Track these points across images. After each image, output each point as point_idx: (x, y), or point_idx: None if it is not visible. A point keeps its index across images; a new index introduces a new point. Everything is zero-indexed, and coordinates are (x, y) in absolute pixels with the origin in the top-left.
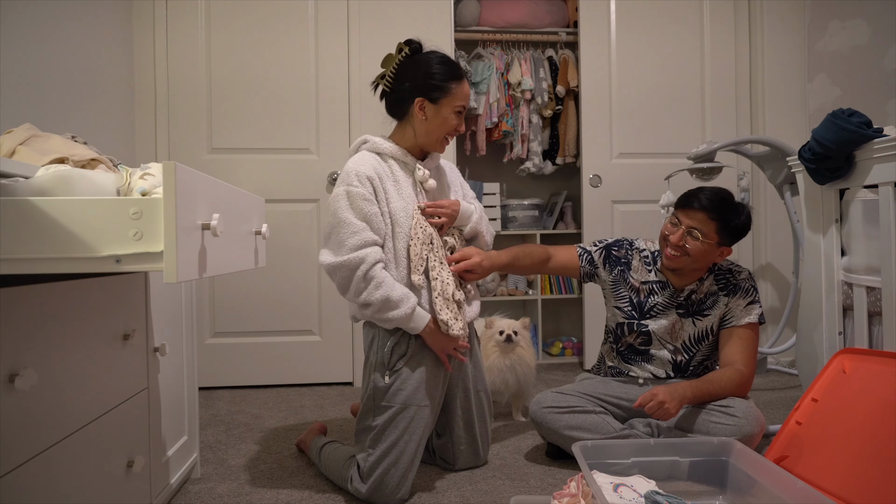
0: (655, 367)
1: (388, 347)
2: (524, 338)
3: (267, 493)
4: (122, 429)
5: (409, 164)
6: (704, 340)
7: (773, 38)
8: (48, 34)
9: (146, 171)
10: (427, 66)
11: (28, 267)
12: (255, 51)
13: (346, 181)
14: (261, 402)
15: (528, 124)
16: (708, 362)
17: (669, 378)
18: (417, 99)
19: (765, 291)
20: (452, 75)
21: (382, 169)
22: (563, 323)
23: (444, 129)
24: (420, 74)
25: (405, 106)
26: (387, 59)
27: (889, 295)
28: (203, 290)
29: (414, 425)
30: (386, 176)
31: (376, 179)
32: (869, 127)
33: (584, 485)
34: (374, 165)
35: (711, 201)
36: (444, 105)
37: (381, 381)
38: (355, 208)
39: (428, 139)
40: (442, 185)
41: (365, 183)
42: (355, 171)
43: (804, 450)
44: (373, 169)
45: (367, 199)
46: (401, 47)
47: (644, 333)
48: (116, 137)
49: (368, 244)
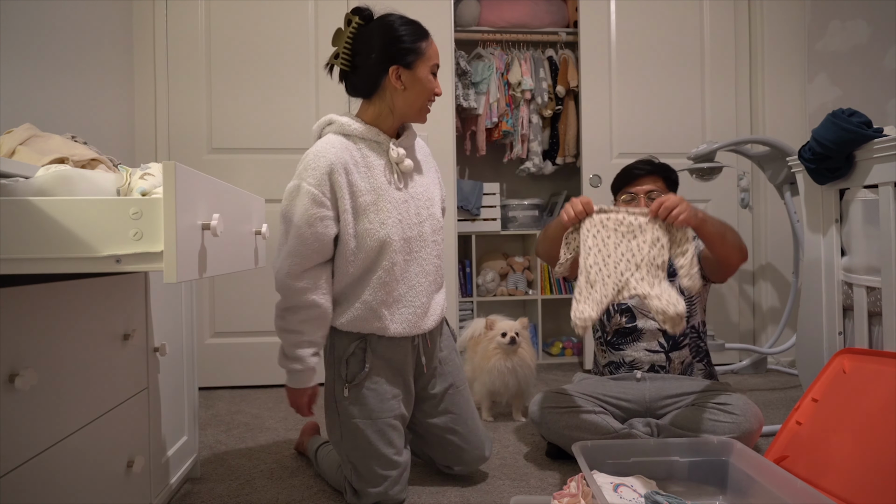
0: (647, 341)
1: (345, 359)
2: (524, 338)
3: (267, 493)
4: (122, 429)
5: (383, 144)
6: (682, 296)
7: (773, 38)
8: (48, 34)
9: (146, 171)
10: (391, 31)
11: (28, 267)
12: (255, 51)
13: (302, 175)
14: (261, 402)
15: (528, 124)
16: (694, 321)
17: (664, 351)
18: (392, 68)
19: (765, 291)
20: (420, 34)
21: (350, 156)
22: (563, 323)
23: (426, 94)
24: (386, 41)
25: (375, 80)
26: (337, 36)
27: (889, 295)
28: (203, 290)
29: (388, 435)
30: (354, 165)
31: (340, 173)
32: (869, 127)
33: (584, 485)
34: (341, 154)
35: (650, 164)
36: (419, 68)
37: (342, 393)
38: (305, 215)
39: (410, 109)
40: (417, 165)
41: (323, 181)
42: (314, 165)
43: (804, 450)
44: (338, 159)
45: (318, 201)
46: (349, 18)
47: (626, 310)
48: (116, 137)
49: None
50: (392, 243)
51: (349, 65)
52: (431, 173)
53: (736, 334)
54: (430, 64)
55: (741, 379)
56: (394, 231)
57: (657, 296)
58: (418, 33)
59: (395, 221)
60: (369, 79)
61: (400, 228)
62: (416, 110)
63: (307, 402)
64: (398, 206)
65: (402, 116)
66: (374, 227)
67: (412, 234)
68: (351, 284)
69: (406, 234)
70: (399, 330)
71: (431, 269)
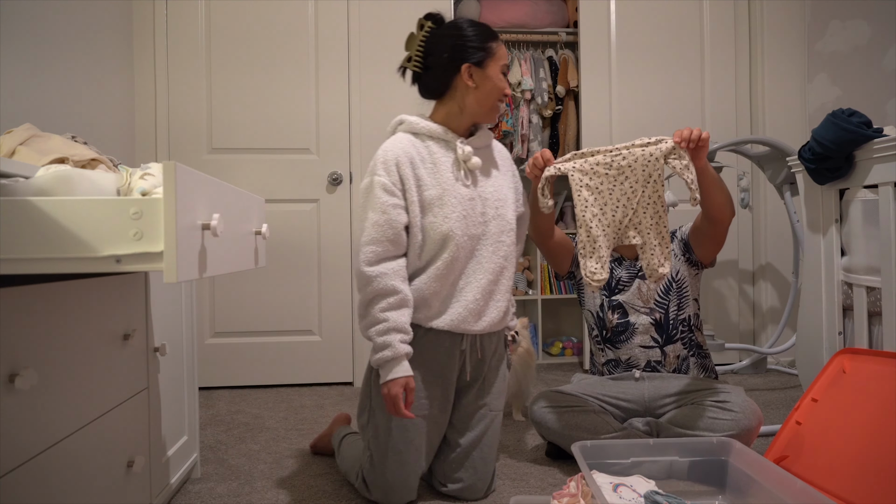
0: (641, 337)
1: None
2: (524, 338)
3: (267, 493)
4: (122, 429)
5: (451, 143)
6: (670, 289)
7: (773, 37)
8: (48, 34)
9: (146, 171)
10: (461, 31)
11: (28, 267)
12: (255, 51)
13: (373, 170)
14: (261, 402)
15: (528, 124)
16: (683, 315)
17: (658, 345)
18: (464, 66)
19: (765, 291)
20: (489, 35)
21: (417, 152)
22: (563, 323)
23: (496, 92)
24: (457, 41)
25: (447, 79)
26: (410, 40)
27: (889, 295)
28: (203, 290)
29: (408, 433)
30: (421, 160)
31: (406, 166)
32: (869, 127)
33: (584, 485)
34: (407, 149)
35: None
36: (490, 66)
37: (377, 376)
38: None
39: (481, 108)
40: (490, 166)
41: (392, 171)
42: (383, 159)
43: (804, 450)
44: (404, 153)
45: (389, 190)
46: (422, 23)
47: (617, 306)
48: (116, 137)
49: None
50: (454, 237)
51: (422, 66)
52: (507, 177)
53: (736, 334)
54: (500, 64)
55: (741, 379)
56: (457, 226)
57: (651, 248)
58: (488, 34)
59: (458, 216)
60: (442, 78)
61: (464, 224)
62: (486, 109)
63: (400, 392)
64: (463, 202)
65: (473, 115)
66: (437, 220)
67: (476, 232)
68: (414, 275)
69: (470, 232)
70: (445, 324)
71: (493, 268)
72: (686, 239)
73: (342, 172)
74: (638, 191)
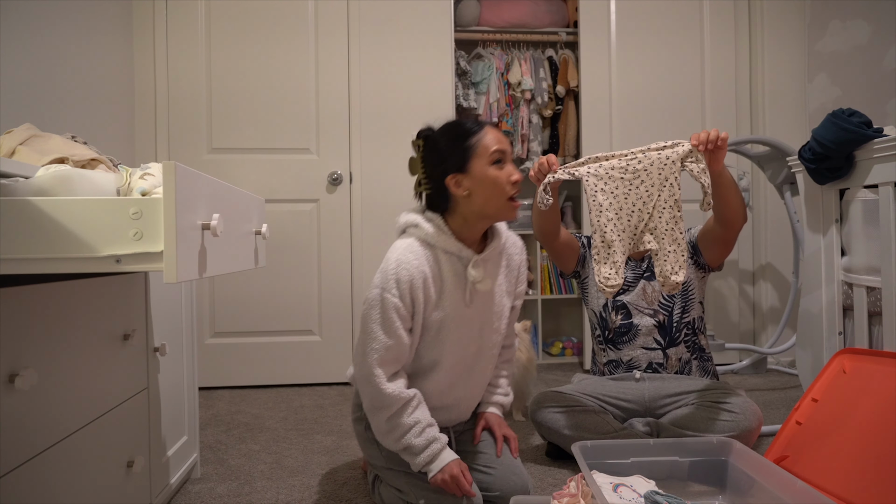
0: (644, 338)
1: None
2: (524, 341)
3: (267, 493)
4: (122, 429)
5: (464, 260)
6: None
7: (773, 38)
8: (48, 34)
9: (146, 171)
10: (442, 140)
11: (28, 267)
12: (255, 51)
13: (384, 284)
14: (261, 402)
15: (528, 124)
16: (688, 318)
17: (661, 347)
18: (447, 179)
19: (765, 291)
20: (467, 131)
21: (430, 268)
22: (563, 323)
23: (495, 188)
24: (439, 153)
25: (444, 195)
26: (412, 164)
27: (889, 295)
28: (203, 290)
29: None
30: (433, 279)
31: (419, 289)
32: (869, 127)
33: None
34: (423, 268)
35: None
36: (475, 165)
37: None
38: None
39: (488, 209)
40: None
41: (405, 294)
42: (396, 277)
43: (804, 450)
44: (419, 273)
45: (402, 315)
46: (416, 144)
47: (621, 307)
48: (116, 137)
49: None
50: (443, 365)
51: (429, 187)
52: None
53: (736, 334)
54: (488, 155)
55: (741, 379)
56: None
57: (665, 255)
58: (465, 131)
59: (454, 341)
60: (439, 195)
61: (457, 348)
62: (496, 208)
63: (459, 472)
64: (461, 327)
65: (483, 218)
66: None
67: (466, 353)
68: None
69: (459, 355)
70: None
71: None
72: (695, 241)
73: (342, 172)
74: (654, 195)
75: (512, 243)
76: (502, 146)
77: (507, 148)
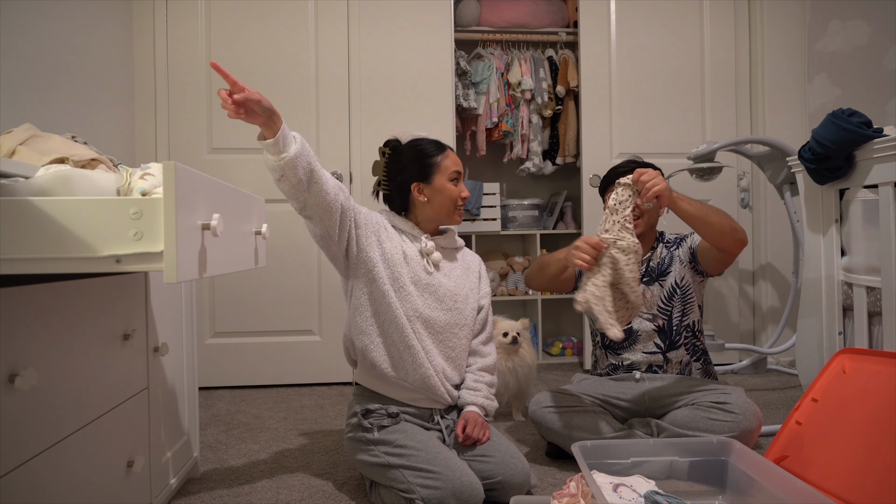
0: (644, 343)
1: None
2: (525, 339)
3: (267, 493)
4: (122, 429)
5: (418, 238)
6: (674, 295)
7: (773, 38)
8: (48, 34)
9: (146, 171)
10: (410, 153)
11: (28, 267)
12: (255, 50)
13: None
14: (261, 402)
15: (528, 124)
16: (687, 321)
17: (661, 351)
18: (413, 185)
19: (765, 291)
20: (434, 150)
21: (390, 226)
22: (563, 323)
23: (449, 200)
24: (407, 163)
25: (405, 195)
26: (375, 167)
27: (889, 295)
28: (203, 290)
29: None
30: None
31: (381, 227)
32: (869, 127)
33: (584, 485)
34: (383, 220)
35: (634, 163)
36: (437, 179)
37: (371, 436)
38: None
39: (439, 215)
40: (454, 266)
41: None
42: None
43: (804, 450)
44: (382, 221)
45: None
46: (382, 150)
47: None
48: (116, 137)
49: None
50: (418, 321)
51: (388, 188)
52: (471, 278)
53: (736, 334)
54: (448, 174)
55: (741, 379)
56: (422, 311)
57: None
58: (432, 150)
59: (423, 302)
60: (401, 196)
61: (428, 310)
62: (447, 214)
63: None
64: (425, 290)
65: (434, 221)
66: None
67: (439, 320)
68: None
69: (432, 316)
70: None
71: (453, 355)
72: (694, 249)
73: (342, 172)
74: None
75: (470, 254)
76: (459, 168)
77: (462, 170)
